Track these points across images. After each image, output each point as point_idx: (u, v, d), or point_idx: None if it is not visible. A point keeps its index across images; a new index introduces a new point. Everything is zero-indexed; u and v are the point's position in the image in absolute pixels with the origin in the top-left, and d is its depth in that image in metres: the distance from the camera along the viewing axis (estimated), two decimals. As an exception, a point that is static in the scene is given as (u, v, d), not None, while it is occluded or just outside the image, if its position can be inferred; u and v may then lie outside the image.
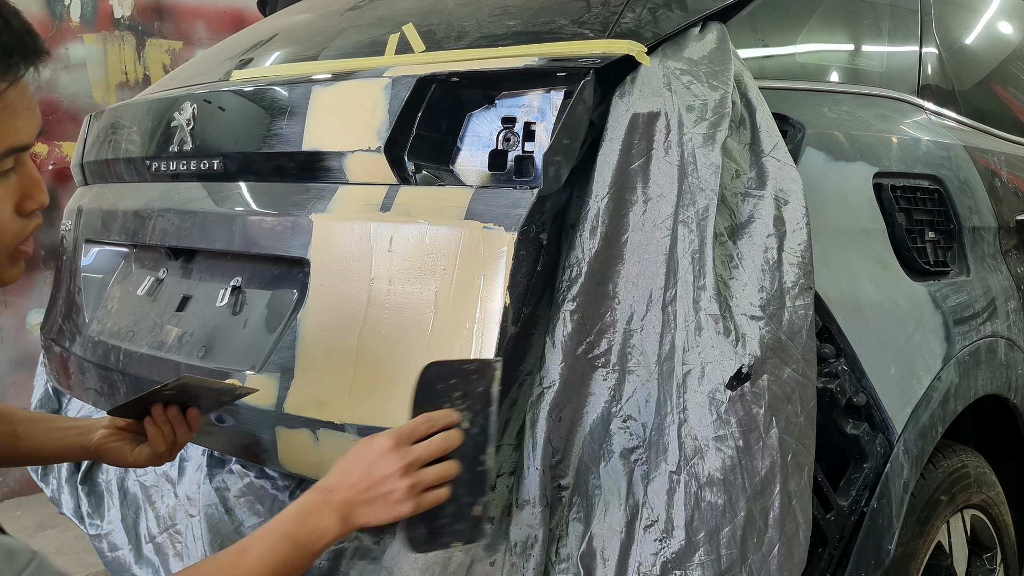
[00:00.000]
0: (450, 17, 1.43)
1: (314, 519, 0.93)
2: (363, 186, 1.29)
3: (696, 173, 1.12)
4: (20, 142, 0.86)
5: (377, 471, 0.94)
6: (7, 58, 0.82)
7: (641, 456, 1.11)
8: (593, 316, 1.14)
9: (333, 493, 0.94)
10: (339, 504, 0.94)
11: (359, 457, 0.96)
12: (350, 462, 0.96)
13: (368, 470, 0.94)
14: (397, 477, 0.94)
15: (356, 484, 0.94)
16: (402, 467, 0.94)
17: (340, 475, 0.96)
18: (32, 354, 3.32)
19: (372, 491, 0.94)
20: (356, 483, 0.94)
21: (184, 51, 3.86)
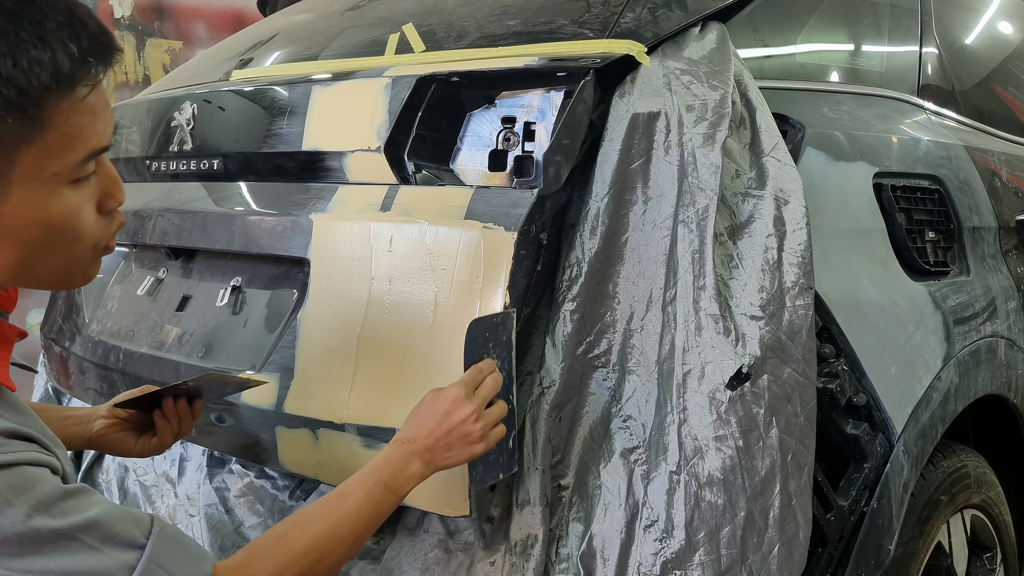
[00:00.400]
0: (450, 17, 1.43)
1: (401, 466, 1.02)
2: (363, 186, 1.29)
3: (696, 173, 1.12)
4: (101, 144, 0.86)
5: (454, 418, 1.04)
6: (87, 62, 0.81)
7: (641, 456, 1.11)
8: (593, 316, 1.14)
9: (415, 443, 1.04)
10: (422, 451, 1.04)
11: (433, 408, 1.05)
12: (424, 413, 1.05)
13: (444, 418, 1.04)
14: (472, 421, 1.04)
15: (435, 431, 1.04)
16: (474, 412, 1.04)
17: (417, 426, 1.05)
18: (32, 354, 3.32)
19: (451, 436, 1.04)
20: (434, 431, 1.04)
21: (184, 51, 3.86)
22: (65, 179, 0.84)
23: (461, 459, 1.06)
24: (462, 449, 1.05)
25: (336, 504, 0.99)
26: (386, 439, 1.16)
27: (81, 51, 0.80)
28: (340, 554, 0.98)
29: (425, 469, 1.04)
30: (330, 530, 0.97)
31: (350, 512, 0.99)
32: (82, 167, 0.85)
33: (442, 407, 1.05)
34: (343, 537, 0.98)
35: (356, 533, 0.99)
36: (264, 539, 0.96)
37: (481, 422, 1.05)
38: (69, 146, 0.83)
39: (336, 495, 1.00)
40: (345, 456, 1.21)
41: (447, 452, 1.05)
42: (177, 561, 0.88)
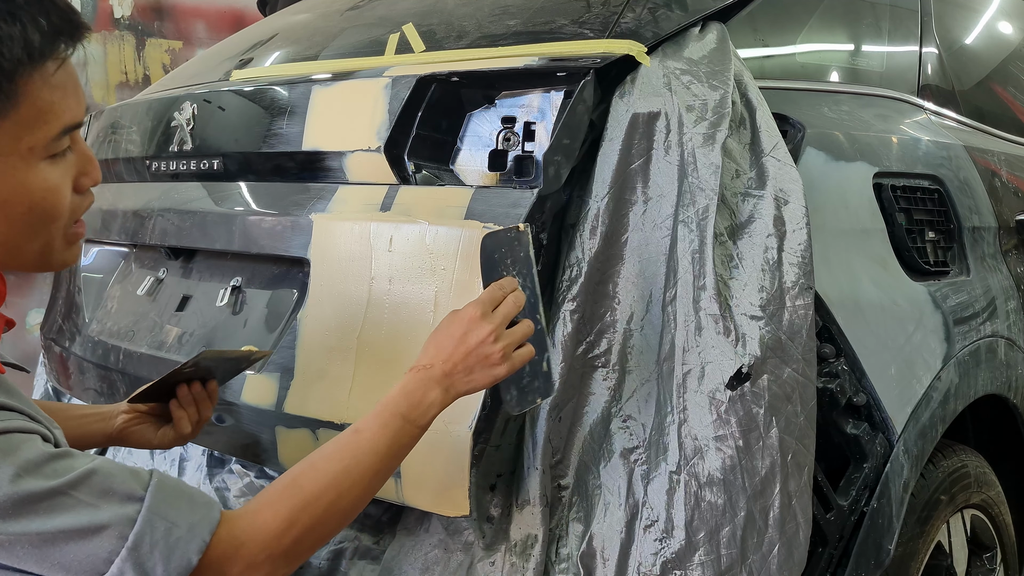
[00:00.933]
0: (450, 17, 1.43)
1: (419, 394, 0.98)
2: (363, 186, 1.29)
3: (696, 173, 1.12)
4: (75, 120, 0.88)
5: (471, 339, 0.99)
6: (55, 38, 0.84)
7: (641, 456, 1.11)
8: (593, 316, 1.14)
9: (432, 368, 1.00)
10: (440, 377, 0.99)
11: (449, 330, 1.01)
12: (441, 337, 1.01)
13: (461, 340, 1.00)
14: (491, 342, 0.99)
15: (452, 355, 0.99)
16: (493, 332, 0.99)
17: (435, 350, 1.01)
18: (32, 354, 3.32)
19: (470, 359, 1.00)
20: (452, 354, 0.99)
21: (184, 51, 3.86)
22: (42, 154, 0.86)
23: (483, 383, 1.01)
24: (483, 372, 1.00)
25: (350, 441, 0.95)
26: (386, 439, 1.16)
27: (51, 26, 0.83)
28: (358, 493, 0.95)
29: (445, 396, 1.00)
30: (345, 469, 0.94)
31: (365, 448, 0.95)
32: (57, 142, 0.87)
33: (458, 329, 1.00)
34: (360, 475, 0.94)
35: (374, 469, 0.95)
36: (275, 484, 0.93)
37: (502, 342, 1.00)
38: (43, 120, 0.85)
39: (350, 431, 0.96)
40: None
41: (468, 376, 1.00)
42: (181, 510, 0.86)
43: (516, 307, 1.03)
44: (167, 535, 0.84)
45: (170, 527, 0.84)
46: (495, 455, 1.14)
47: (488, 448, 1.12)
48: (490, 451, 1.13)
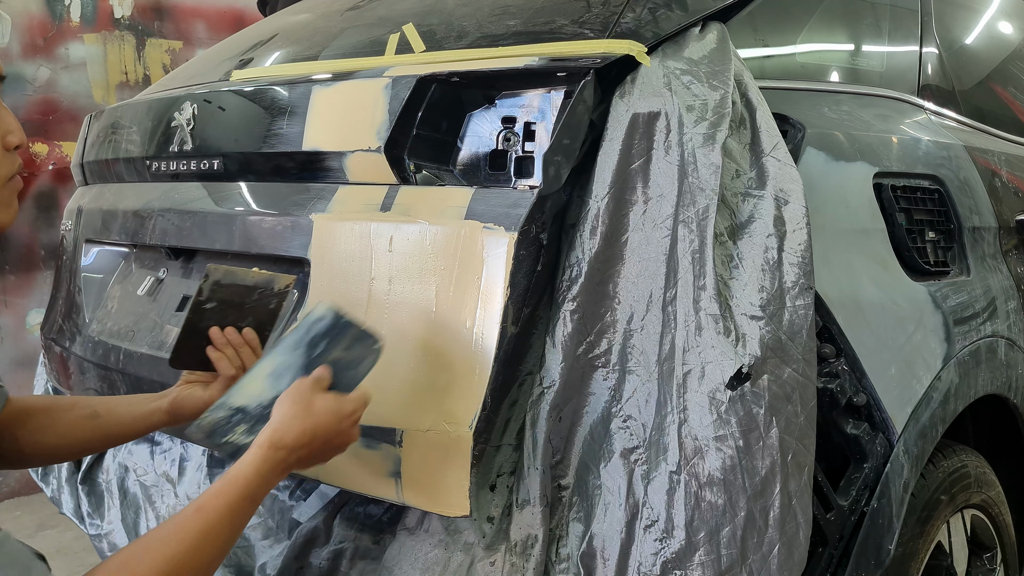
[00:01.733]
0: (450, 17, 1.43)
1: (274, 477, 0.96)
2: (363, 186, 1.29)
3: (696, 173, 1.12)
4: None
5: (339, 440, 1.02)
6: None
7: (641, 456, 1.11)
8: (593, 316, 1.14)
9: (293, 453, 0.98)
10: (295, 462, 0.99)
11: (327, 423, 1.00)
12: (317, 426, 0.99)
13: (333, 438, 1.01)
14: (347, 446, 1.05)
15: (313, 446, 0.99)
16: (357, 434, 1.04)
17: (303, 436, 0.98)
18: (32, 354, 3.32)
19: (331, 450, 1.03)
20: (313, 445, 0.99)
21: (184, 51, 3.86)
22: None
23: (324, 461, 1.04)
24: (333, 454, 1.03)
25: (190, 521, 0.88)
26: (386, 439, 1.16)
27: None
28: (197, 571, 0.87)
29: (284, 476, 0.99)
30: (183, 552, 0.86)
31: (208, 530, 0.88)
32: None
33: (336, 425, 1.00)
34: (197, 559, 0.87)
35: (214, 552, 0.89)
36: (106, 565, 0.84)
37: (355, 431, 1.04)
38: None
39: (193, 509, 0.89)
40: (345, 456, 1.21)
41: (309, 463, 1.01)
42: None
43: None
44: None
45: None
46: (495, 455, 1.14)
47: (488, 448, 1.12)
48: (490, 451, 1.13)
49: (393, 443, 1.16)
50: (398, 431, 1.15)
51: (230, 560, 1.44)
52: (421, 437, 1.14)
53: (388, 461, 1.16)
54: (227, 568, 1.44)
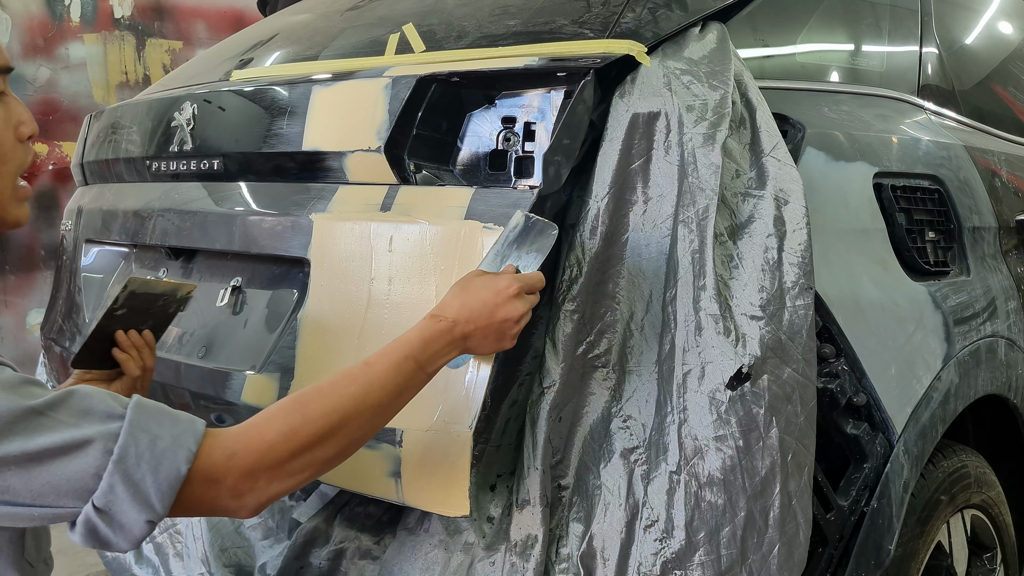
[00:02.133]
0: (450, 17, 1.43)
1: (436, 345, 1.01)
2: (363, 186, 1.29)
3: (696, 173, 1.12)
4: (6, 63, 0.96)
5: (500, 313, 1.03)
6: None
7: (641, 456, 1.11)
8: (593, 316, 1.14)
9: (456, 326, 1.02)
10: (459, 337, 1.03)
11: (482, 295, 1.03)
12: (471, 299, 1.03)
13: (493, 311, 1.03)
14: (516, 321, 1.05)
15: (478, 321, 1.03)
16: (524, 314, 1.05)
17: (461, 309, 1.03)
18: (32, 354, 3.33)
19: (491, 329, 1.04)
20: (478, 320, 1.03)
21: (184, 51, 3.86)
22: None
23: (490, 351, 1.06)
24: (495, 343, 1.05)
25: (361, 372, 0.96)
26: (386, 439, 1.16)
27: None
28: (361, 423, 0.95)
29: (456, 352, 1.04)
30: (352, 395, 0.94)
31: (375, 381, 0.96)
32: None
33: (492, 298, 1.03)
34: (366, 406, 0.95)
35: (380, 403, 0.96)
36: (280, 402, 0.93)
37: (521, 324, 1.05)
38: None
39: (362, 364, 0.97)
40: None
41: (482, 342, 1.04)
42: (163, 424, 0.87)
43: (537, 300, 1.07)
44: (152, 446, 0.84)
45: (154, 439, 0.85)
46: (495, 455, 1.14)
47: (488, 448, 1.12)
48: (490, 451, 1.13)
49: (393, 443, 1.16)
50: (398, 431, 1.16)
51: (230, 560, 1.44)
52: (421, 437, 1.14)
53: (388, 461, 1.17)
54: (227, 568, 1.44)
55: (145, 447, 0.84)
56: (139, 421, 0.85)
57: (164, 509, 0.85)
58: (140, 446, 0.84)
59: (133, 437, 0.84)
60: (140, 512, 0.83)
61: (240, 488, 0.88)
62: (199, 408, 1.42)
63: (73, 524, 0.84)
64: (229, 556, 1.44)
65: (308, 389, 0.95)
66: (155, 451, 0.84)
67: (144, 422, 0.86)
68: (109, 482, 0.82)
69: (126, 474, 0.83)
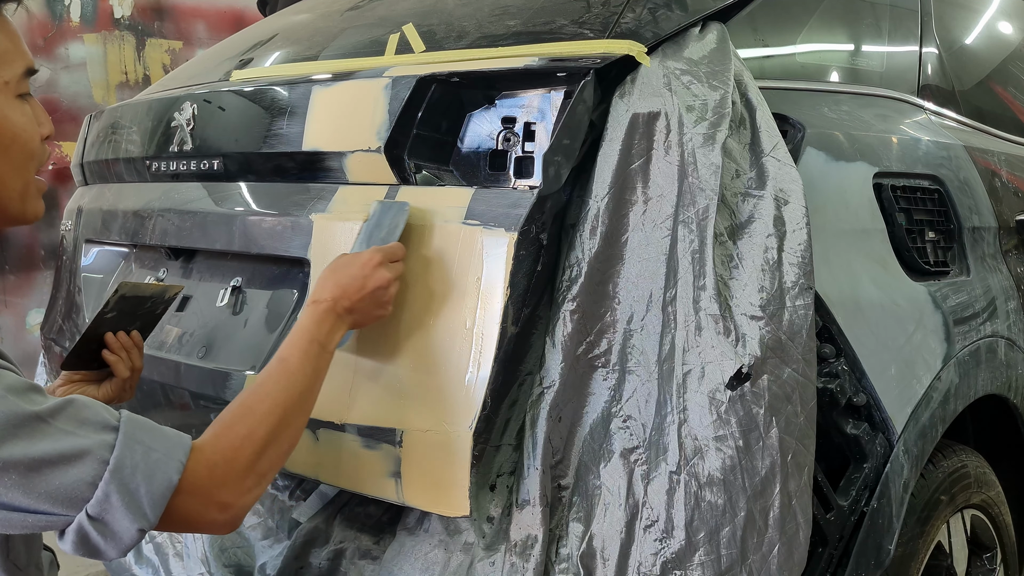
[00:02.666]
0: (450, 17, 1.43)
1: (328, 324, 1.10)
2: (363, 186, 1.29)
3: (696, 173, 1.12)
4: (31, 64, 1.01)
5: (371, 284, 1.13)
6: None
7: (641, 456, 1.11)
8: (593, 316, 1.14)
9: (337, 302, 1.11)
10: (342, 312, 1.12)
11: (350, 271, 1.13)
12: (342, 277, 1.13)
13: (364, 283, 1.12)
14: (386, 288, 1.14)
15: (353, 295, 1.12)
16: (392, 280, 1.14)
17: (337, 288, 1.12)
18: (32, 354, 3.33)
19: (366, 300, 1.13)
20: (353, 294, 1.12)
21: (184, 51, 3.87)
22: (15, 90, 0.98)
23: (372, 319, 1.16)
24: (375, 311, 1.15)
25: (281, 368, 1.05)
26: (386, 439, 1.16)
27: None
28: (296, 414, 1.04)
29: (343, 327, 1.13)
30: (284, 389, 1.03)
31: (295, 372, 1.05)
32: (24, 81, 0.99)
33: (360, 272, 1.12)
34: (297, 395, 1.04)
35: (306, 389, 1.06)
36: (230, 411, 1.00)
37: (392, 290, 1.15)
38: (10, 59, 0.97)
39: (277, 361, 1.06)
40: (345, 456, 1.21)
41: (363, 313, 1.14)
42: (155, 437, 0.92)
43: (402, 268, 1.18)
44: (146, 457, 0.89)
45: (148, 450, 0.89)
46: (495, 455, 1.14)
47: (488, 448, 1.12)
48: (490, 451, 1.13)
49: (393, 443, 1.16)
50: (398, 431, 1.16)
51: (230, 560, 1.44)
52: (421, 437, 1.14)
53: (388, 461, 1.17)
54: (227, 568, 1.44)
55: (140, 458, 0.88)
56: (133, 433, 0.90)
57: (155, 519, 0.89)
58: (135, 457, 0.88)
59: (128, 448, 0.88)
60: (133, 521, 0.87)
61: (223, 498, 0.95)
62: (199, 408, 1.42)
63: (62, 532, 0.87)
64: (229, 556, 1.44)
65: (244, 395, 1.02)
66: (149, 462, 0.89)
67: (138, 434, 0.90)
68: (105, 491, 0.86)
69: (122, 483, 0.87)
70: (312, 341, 1.08)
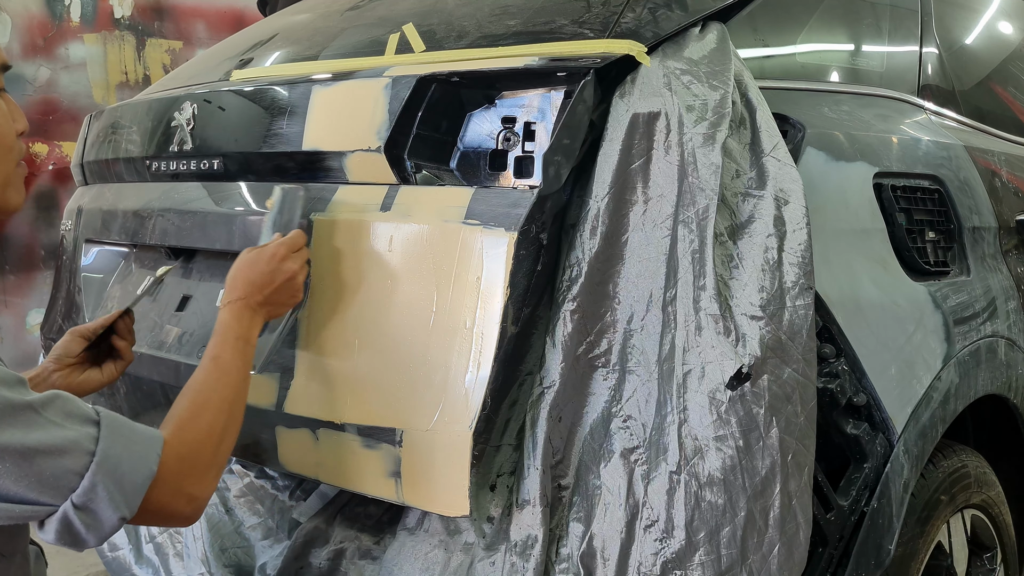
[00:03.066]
0: (450, 17, 1.43)
1: (247, 319, 1.18)
2: (363, 186, 1.29)
3: (696, 173, 1.12)
4: (4, 61, 1.05)
5: (280, 276, 1.20)
6: None
7: (641, 456, 1.11)
8: (593, 316, 1.14)
9: (250, 298, 1.19)
10: (256, 306, 1.19)
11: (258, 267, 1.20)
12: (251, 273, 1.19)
13: (273, 276, 1.20)
14: (294, 278, 1.22)
15: (264, 289, 1.19)
16: (298, 271, 1.22)
17: (248, 285, 1.19)
18: (32, 354, 3.33)
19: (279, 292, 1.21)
20: (264, 287, 1.19)
21: (184, 51, 3.87)
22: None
23: (286, 309, 1.24)
24: (289, 299, 1.23)
25: (216, 365, 1.12)
26: (386, 439, 1.16)
27: None
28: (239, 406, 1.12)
29: (260, 319, 1.20)
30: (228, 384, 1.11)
31: (231, 368, 1.12)
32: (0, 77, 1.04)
33: (267, 266, 1.19)
34: (237, 389, 1.12)
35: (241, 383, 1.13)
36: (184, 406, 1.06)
37: (301, 278, 1.23)
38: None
39: (211, 359, 1.12)
40: (345, 456, 1.21)
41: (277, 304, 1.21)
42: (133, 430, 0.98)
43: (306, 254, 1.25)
44: (128, 449, 0.94)
45: (129, 442, 0.95)
46: (495, 455, 1.14)
47: (488, 448, 1.12)
48: (490, 451, 1.13)
49: (393, 443, 1.16)
50: (398, 431, 1.16)
51: (230, 560, 1.44)
52: (421, 437, 1.14)
53: (388, 461, 1.17)
54: (227, 568, 1.44)
55: (123, 450, 0.93)
56: (114, 427, 0.95)
57: (135, 508, 0.94)
58: (118, 449, 0.93)
59: (112, 441, 0.93)
60: (115, 510, 0.92)
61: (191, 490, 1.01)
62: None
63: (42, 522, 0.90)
64: (229, 556, 1.45)
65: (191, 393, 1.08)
66: (131, 454, 0.94)
67: (118, 428, 0.95)
68: (92, 481, 0.90)
69: (107, 474, 0.91)
70: (238, 337, 1.15)
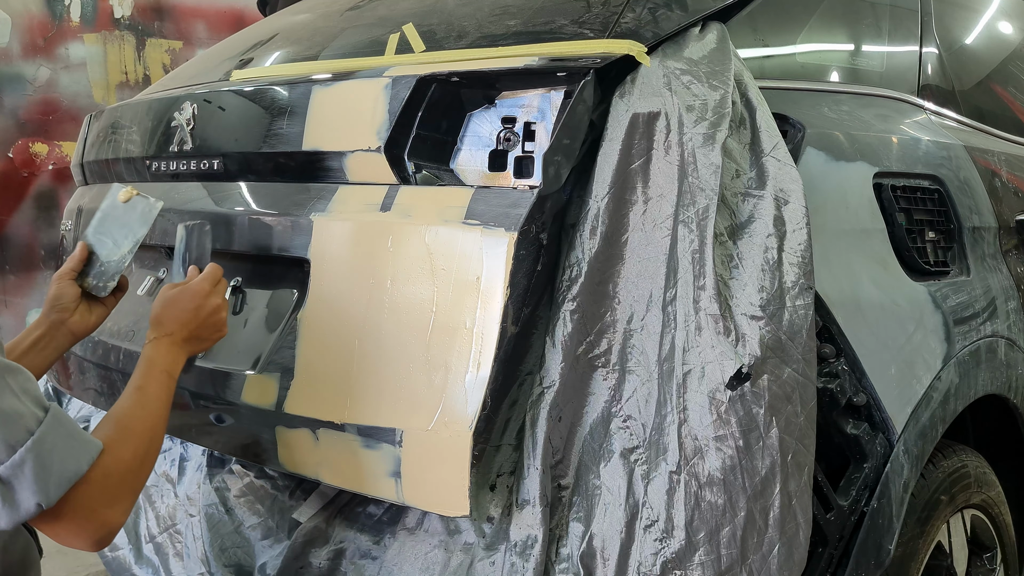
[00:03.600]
0: (450, 17, 1.43)
1: (173, 355, 1.21)
2: (363, 186, 1.29)
3: (696, 173, 1.12)
4: None
5: (204, 311, 1.24)
6: None
7: (641, 456, 1.11)
8: (593, 316, 1.14)
9: (176, 334, 1.22)
10: (182, 342, 1.23)
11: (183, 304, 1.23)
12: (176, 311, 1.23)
13: (198, 312, 1.24)
14: (219, 312, 1.26)
15: (189, 325, 1.23)
16: (222, 306, 1.27)
17: (173, 322, 1.22)
18: (32, 354, 3.32)
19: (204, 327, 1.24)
20: (189, 324, 1.23)
21: (184, 51, 3.87)
22: None
23: (211, 343, 1.27)
24: (214, 334, 1.26)
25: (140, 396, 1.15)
26: (386, 439, 1.16)
27: None
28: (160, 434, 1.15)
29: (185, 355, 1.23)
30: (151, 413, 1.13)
31: (154, 398, 1.15)
32: None
33: (191, 303, 1.23)
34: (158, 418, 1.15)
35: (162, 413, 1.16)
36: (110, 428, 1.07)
37: (225, 312, 1.27)
38: None
39: (135, 389, 1.15)
40: (345, 456, 1.21)
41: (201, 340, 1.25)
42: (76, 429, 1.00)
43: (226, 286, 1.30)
44: (66, 441, 0.97)
45: (69, 436, 0.97)
46: (495, 455, 1.14)
47: (488, 448, 1.12)
48: (490, 451, 1.13)
49: (393, 443, 1.16)
50: (398, 431, 1.16)
51: (230, 559, 1.44)
52: (421, 437, 1.14)
53: (388, 461, 1.17)
54: (227, 568, 1.44)
55: (61, 440, 0.96)
56: (60, 419, 0.97)
57: (54, 500, 0.94)
58: (57, 438, 0.95)
59: (53, 428, 0.95)
60: (35, 495, 0.93)
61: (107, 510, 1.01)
62: (199, 408, 1.42)
63: None
64: (229, 556, 1.44)
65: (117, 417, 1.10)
66: (67, 446, 0.96)
67: (64, 422, 0.98)
68: (23, 457, 0.92)
69: (39, 456, 0.93)
70: (163, 371, 1.18)
